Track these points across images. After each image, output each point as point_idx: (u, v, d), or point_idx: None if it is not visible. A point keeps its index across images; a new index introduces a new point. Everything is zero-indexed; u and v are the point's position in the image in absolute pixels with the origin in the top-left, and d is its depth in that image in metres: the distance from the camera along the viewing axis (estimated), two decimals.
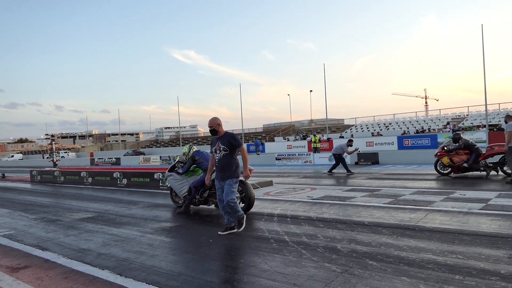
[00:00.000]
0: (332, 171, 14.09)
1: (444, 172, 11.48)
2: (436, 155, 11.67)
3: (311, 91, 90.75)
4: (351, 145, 14.13)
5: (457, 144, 11.05)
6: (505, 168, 10.42)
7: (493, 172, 10.91)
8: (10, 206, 9.63)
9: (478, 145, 11.29)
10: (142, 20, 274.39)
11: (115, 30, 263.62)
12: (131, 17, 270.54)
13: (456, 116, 40.98)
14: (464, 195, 7.50)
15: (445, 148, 11.30)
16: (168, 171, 7.96)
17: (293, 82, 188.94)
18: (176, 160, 8.07)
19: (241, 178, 7.07)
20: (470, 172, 11.15)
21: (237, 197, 6.73)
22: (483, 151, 10.88)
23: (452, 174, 11.32)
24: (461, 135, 11.28)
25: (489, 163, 10.85)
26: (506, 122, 9.53)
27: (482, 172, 10.90)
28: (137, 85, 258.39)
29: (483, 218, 5.43)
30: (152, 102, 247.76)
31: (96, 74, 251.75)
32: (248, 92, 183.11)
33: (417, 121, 41.99)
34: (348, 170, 13.61)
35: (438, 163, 11.60)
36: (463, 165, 10.93)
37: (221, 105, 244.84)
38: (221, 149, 5.22)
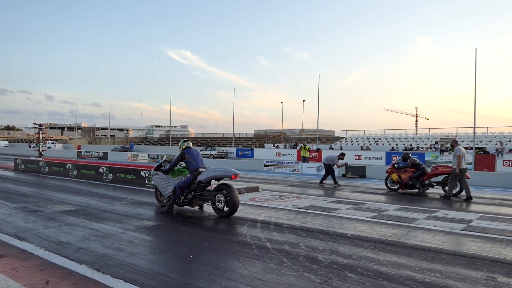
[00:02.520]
0: (323, 182, 14.06)
1: (393, 187, 12.26)
2: (387, 171, 12.52)
3: (304, 100, 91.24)
4: (342, 159, 14.19)
5: (406, 162, 11.94)
6: (446, 188, 10.99)
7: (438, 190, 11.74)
8: None
9: (425, 165, 12.12)
10: (140, 16, 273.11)
11: (111, 24, 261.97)
12: (129, 12, 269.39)
13: (444, 136, 41.49)
14: (447, 214, 7.59)
15: (395, 165, 12.24)
16: (154, 169, 7.91)
17: (286, 90, 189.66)
18: (163, 159, 8.02)
19: (226, 181, 7.09)
20: (415, 190, 11.83)
21: (221, 200, 6.73)
22: (429, 170, 11.62)
23: (400, 190, 12.05)
24: (410, 155, 12.22)
25: (433, 182, 11.63)
26: (453, 147, 10.69)
27: (415, 190, 11.76)
28: (130, 81, 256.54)
29: (463, 238, 5.49)
30: (144, 99, 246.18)
31: (89, 67, 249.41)
32: (241, 97, 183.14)
33: (406, 138, 42.42)
34: (335, 182, 13.66)
35: (388, 179, 12.41)
36: (409, 182, 11.70)
37: (213, 107, 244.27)
38: None
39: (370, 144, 42.06)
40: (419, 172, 11.54)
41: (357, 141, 45.10)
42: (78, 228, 5.70)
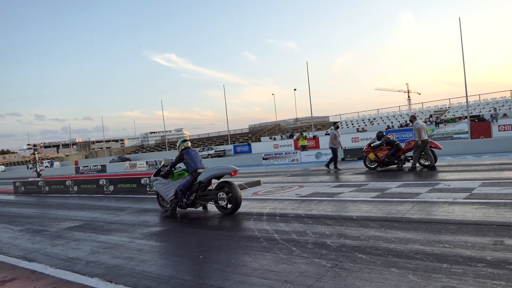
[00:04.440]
0: (338, 167, 13.77)
1: (371, 166, 12.66)
2: (364, 151, 12.88)
3: (295, 89, 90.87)
4: (338, 127, 14.40)
5: (380, 141, 12.42)
6: (421, 161, 11.39)
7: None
8: None
9: (398, 141, 12.56)
10: (120, 26, 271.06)
11: (93, 37, 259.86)
12: (109, 23, 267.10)
13: (438, 108, 41.66)
14: (449, 185, 7.63)
15: (371, 145, 12.61)
16: (154, 175, 7.89)
17: (276, 82, 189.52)
18: (162, 164, 8.00)
19: (226, 179, 7.10)
20: (393, 166, 12.17)
21: (223, 198, 6.74)
22: (403, 146, 12.01)
23: (378, 168, 12.43)
24: (383, 133, 12.67)
25: (408, 156, 12.09)
26: (411, 122, 11.49)
27: (395, 165, 12.09)
28: (119, 91, 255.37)
29: (467, 207, 5.53)
30: (135, 108, 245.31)
31: (76, 81, 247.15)
32: (232, 94, 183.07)
33: (401, 115, 42.54)
34: (335, 167, 13.69)
35: (366, 159, 12.77)
36: (386, 159, 12.08)
37: (205, 107, 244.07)
38: None
39: (366, 125, 42.18)
40: (394, 149, 11.97)
41: (352, 124, 45.21)
42: (85, 242, 5.70)
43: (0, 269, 4.65)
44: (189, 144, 7.54)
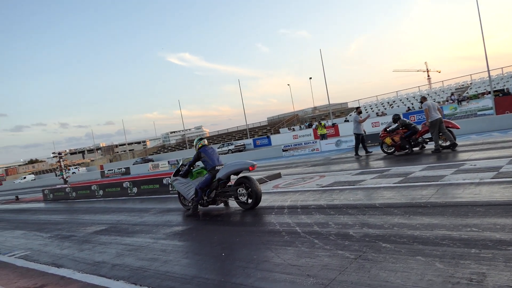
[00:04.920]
0: (358, 154, 13.59)
1: (389, 151, 12.30)
2: (380, 136, 12.54)
3: (310, 78, 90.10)
4: (360, 112, 13.96)
5: (396, 124, 12.07)
6: (441, 142, 10.95)
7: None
8: (25, 227, 9.71)
9: (415, 123, 12.15)
10: (132, 29, 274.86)
11: (108, 42, 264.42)
12: (121, 26, 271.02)
13: (459, 86, 40.47)
14: (475, 165, 7.39)
15: (387, 129, 12.25)
16: (173, 175, 7.95)
17: (291, 72, 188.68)
18: (180, 164, 8.05)
19: (245, 174, 7.08)
20: (414, 149, 11.85)
21: (243, 193, 6.72)
22: (420, 128, 11.63)
23: (396, 153, 12.09)
24: (400, 116, 12.28)
25: (426, 139, 11.73)
26: (421, 103, 11.15)
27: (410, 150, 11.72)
28: (137, 94, 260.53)
29: (495, 187, 5.33)
30: (154, 109, 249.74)
31: (96, 88, 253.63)
32: (248, 87, 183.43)
33: (421, 96, 41.53)
34: (356, 153, 13.50)
35: (383, 144, 12.45)
36: (400, 142, 11.78)
37: (223, 103, 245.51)
38: None
39: (385, 109, 41.41)
40: (410, 132, 11.67)
41: (371, 108, 44.46)
42: (111, 245, 5.79)
43: (31, 276, 4.78)
44: (206, 142, 7.55)
